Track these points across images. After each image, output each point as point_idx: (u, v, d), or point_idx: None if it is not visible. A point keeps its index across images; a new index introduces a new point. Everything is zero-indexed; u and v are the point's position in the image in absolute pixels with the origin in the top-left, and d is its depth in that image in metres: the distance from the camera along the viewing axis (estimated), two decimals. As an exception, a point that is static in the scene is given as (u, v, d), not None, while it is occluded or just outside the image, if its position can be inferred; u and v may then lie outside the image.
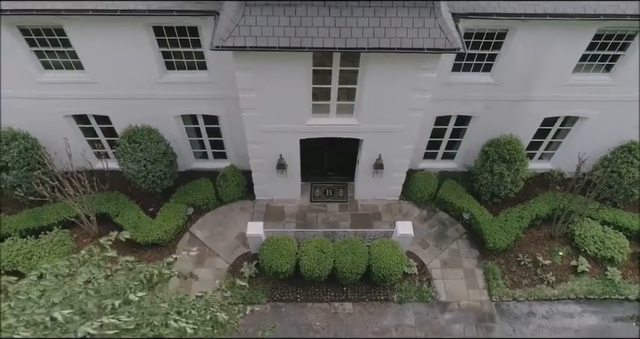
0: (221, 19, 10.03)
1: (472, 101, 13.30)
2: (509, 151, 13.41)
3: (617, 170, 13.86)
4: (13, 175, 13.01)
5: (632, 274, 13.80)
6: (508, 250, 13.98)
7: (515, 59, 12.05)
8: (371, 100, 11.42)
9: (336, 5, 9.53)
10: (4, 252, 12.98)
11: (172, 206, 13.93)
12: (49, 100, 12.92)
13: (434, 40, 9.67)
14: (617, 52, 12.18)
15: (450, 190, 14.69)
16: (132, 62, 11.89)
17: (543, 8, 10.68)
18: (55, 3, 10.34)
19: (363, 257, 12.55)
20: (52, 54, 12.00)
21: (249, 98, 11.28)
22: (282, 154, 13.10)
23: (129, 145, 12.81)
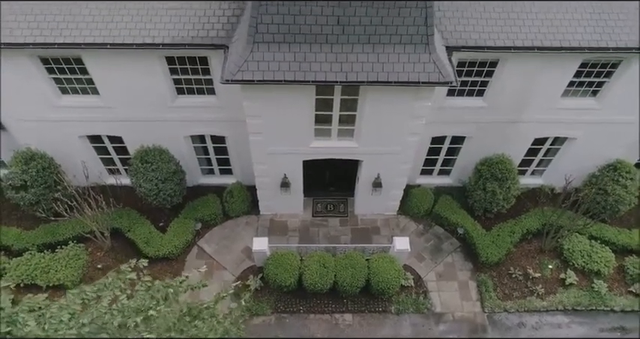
0: (230, 53, 10.77)
1: (466, 123, 14.03)
2: (501, 170, 14.15)
3: (604, 188, 14.60)
4: (31, 193, 13.74)
5: (617, 286, 14.55)
6: (500, 264, 14.72)
7: (507, 85, 12.79)
8: (370, 125, 12.15)
9: (337, 42, 10.26)
10: (22, 266, 13.72)
11: (182, 222, 14.67)
12: (65, 122, 13.65)
13: (428, 74, 10.41)
14: (602, 79, 12.91)
15: (445, 206, 15.44)
16: (145, 88, 12.63)
17: (531, 41, 11.43)
18: (76, 37, 11.09)
19: (362, 271, 13.30)
20: (70, 80, 12.73)
21: (256, 124, 12.02)
22: (286, 174, 13.84)
23: (141, 166, 13.55)
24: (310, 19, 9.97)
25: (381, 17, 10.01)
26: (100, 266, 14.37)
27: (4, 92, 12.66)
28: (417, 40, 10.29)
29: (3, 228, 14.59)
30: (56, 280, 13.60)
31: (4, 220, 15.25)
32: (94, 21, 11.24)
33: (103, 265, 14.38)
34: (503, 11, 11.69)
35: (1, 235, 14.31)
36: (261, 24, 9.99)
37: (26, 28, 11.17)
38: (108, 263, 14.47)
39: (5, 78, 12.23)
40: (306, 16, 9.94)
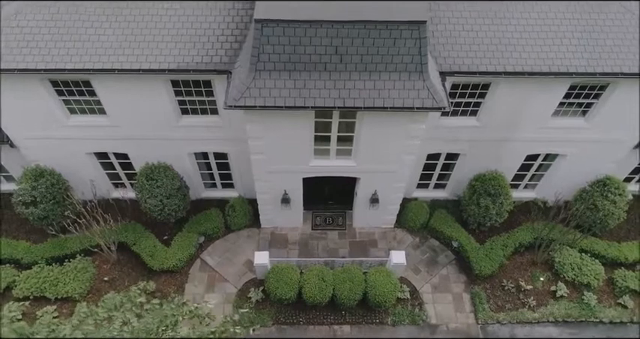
0: (233, 79, 11.27)
1: (460, 141, 14.53)
2: (494, 186, 14.65)
3: (594, 203, 15.10)
4: (40, 209, 14.22)
5: (606, 298, 15.05)
6: (493, 276, 15.21)
7: (499, 106, 13.28)
8: (367, 145, 12.65)
9: (335, 69, 10.76)
10: (32, 279, 14.22)
11: (185, 236, 15.16)
12: (73, 140, 14.14)
13: (422, 100, 10.91)
14: (591, 100, 13.42)
15: (440, 220, 15.94)
16: (151, 109, 13.13)
17: (521, 67, 11.94)
18: (85, 63, 11.59)
19: (360, 285, 13.80)
20: (78, 101, 13.23)
21: (258, 145, 12.52)
22: (287, 190, 14.34)
23: (147, 182, 14.04)
24: (310, 48, 10.47)
25: (377, 47, 10.50)
26: (107, 279, 14.85)
27: (14, 112, 13.15)
28: (411, 68, 10.79)
29: (13, 242, 15.08)
30: (65, 293, 14.10)
31: (14, 234, 15.76)
32: (103, 47, 11.75)
33: (109, 278, 14.87)
34: (494, 37, 12.21)
35: (12, 249, 14.80)
36: (262, 53, 10.49)
37: (37, 54, 11.67)
38: (114, 276, 14.96)
39: (16, 98, 12.72)
40: (305, 45, 10.43)
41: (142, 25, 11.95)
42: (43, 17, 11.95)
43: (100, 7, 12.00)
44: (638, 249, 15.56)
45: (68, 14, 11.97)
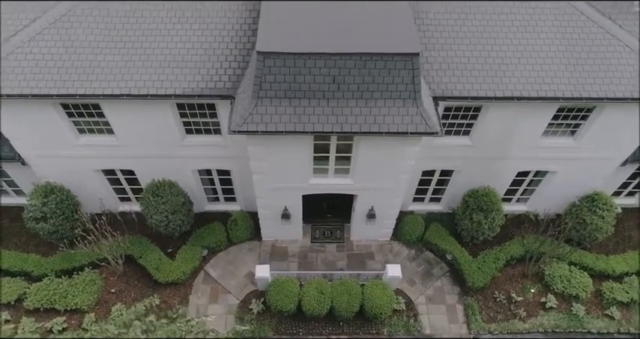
0: (236, 105, 11.87)
1: (454, 158, 15.12)
2: (486, 202, 15.24)
3: (583, 217, 15.69)
4: (50, 224, 14.80)
5: (594, 309, 15.64)
6: (486, 288, 15.80)
7: (490, 127, 13.87)
8: (363, 165, 13.23)
9: (333, 97, 11.35)
10: (42, 291, 14.81)
11: (189, 249, 15.74)
12: (82, 158, 14.73)
13: (416, 125, 11.49)
14: (578, 121, 14.01)
15: (435, 233, 16.53)
16: (157, 129, 13.71)
17: (511, 92, 12.54)
18: (95, 89, 12.19)
19: (357, 297, 14.40)
20: (88, 122, 13.81)
21: (259, 165, 13.10)
22: (287, 206, 14.92)
23: (152, 199, 14.63)
24: (309, 77, 11.05)
25: (372, 76, 11.09)
26: (114, 290, 15.44)
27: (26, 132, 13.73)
28: (405, 96, 11.37)
29: (23, 255, 15.67)
30: (74, 305, 14.69)
31: (23, 247, 16.34)
32: (112, 73, 12.35)
33: (116, 290, 15.46)
34: (485, 63, 12.80)
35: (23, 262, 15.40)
36: (264, 82, 11.07)
37: (50, 79, 12.26)
38: (121, 287, 15.54)
39: (28, 120, 13.30)
40: (305, 75, 11.01)
41: (149, 52, 12.56)
42: (55, 44, 12.55)
43: (108, 35, 12.59)
44: (625, 262, 16.14)
45: (79, 41, 12.57)
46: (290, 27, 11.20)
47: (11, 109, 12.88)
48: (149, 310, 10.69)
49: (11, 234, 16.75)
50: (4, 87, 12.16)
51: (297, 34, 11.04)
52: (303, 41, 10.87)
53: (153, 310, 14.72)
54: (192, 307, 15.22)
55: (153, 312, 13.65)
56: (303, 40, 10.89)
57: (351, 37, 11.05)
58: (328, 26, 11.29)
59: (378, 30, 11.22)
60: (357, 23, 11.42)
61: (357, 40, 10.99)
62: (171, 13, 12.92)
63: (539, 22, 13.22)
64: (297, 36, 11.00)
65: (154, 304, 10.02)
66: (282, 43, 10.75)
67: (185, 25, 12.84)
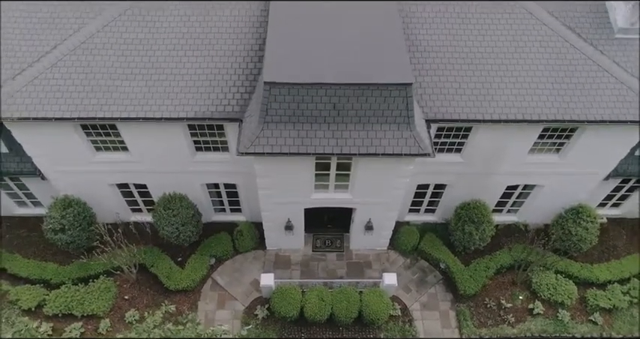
0: (244, 128, 12.86)
1: (447, 174, 16.11)
2: (477, 214, 16.23)
3: (568, 229, 16.67)
4: (68, 235, 15.77)
5: (579, 315, 16.63)
6: (477, 295, 16.76)
7: (480, 146, 14.85)
8: (362, 182, 14.21)
9: (333, 122, 12.33)
10: (60, 298, 15.80)
11: (198, 258, 16.73)
12: (98, 173, 15.72)
13: (409, 147, 12.47)
14: (562, 140, 14.99)
15: (429, 243, 17.52)
16: (169, 148, 14.71)
17: (498, 115, 13.52)
18: (114, 112, 13.18)
19: (355, 304, 15.40)
20: (104, 141, 14.79)
21: (265, 181, 14.09)
22: (290, 218, 15.91)
23: (164, 212, 15.62)
24: (311, 105, 12.03)
25: (369, 103, 12.07)
26: (127, 297, 16.43)
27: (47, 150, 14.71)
28: (399, 121, 12.36)
29: (42, 263, 16.69)
30: (90, 311, 15.68)
31: (41, 255, 17.32)
32: (129, 98, 13.33)
33: (129, 296, 16.45)
34: (475, 87, 13.78)
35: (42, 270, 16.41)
36: (270, 108, 12.06)
37: (71, 103, 13.26)
38: (134, 294, 16.52)
39: (49, 139, 14.27)
40: (307, 103, 12.00)
41: (163, 77, 13.55)
42: (75, 70, 13.54)
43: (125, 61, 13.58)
44: (608, 270, 17.12)
45: (97, 67, 13.56)
46: (293, 57, 12.18)
47: (35, 130, 13.85)
48: (165, 318, 11.59)
49: (29, 243, 17.74)
50: (29, 110, 13.15)
51: (300, 65, 12.02)
52: (306, 71, 11.86)
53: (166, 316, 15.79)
54: (201, 312, 16.20)
55: (166, 318, 14.69)
56: (306, 71, 11.88)
57: (350, 67, 12.03)
58: (329, 56, 12.27)
59: (375, 60, 12.20)
60: (355, 53, 12.40)
61: (355, 70, 11.97)
62: (183, 41, 13.90)
63: (525, 48, 14.20)
64: (300, 66, 11.98)
65: (170, 311, 10.85)
66: (286, 74, 11.74)
67: (196, 52, 13.83)
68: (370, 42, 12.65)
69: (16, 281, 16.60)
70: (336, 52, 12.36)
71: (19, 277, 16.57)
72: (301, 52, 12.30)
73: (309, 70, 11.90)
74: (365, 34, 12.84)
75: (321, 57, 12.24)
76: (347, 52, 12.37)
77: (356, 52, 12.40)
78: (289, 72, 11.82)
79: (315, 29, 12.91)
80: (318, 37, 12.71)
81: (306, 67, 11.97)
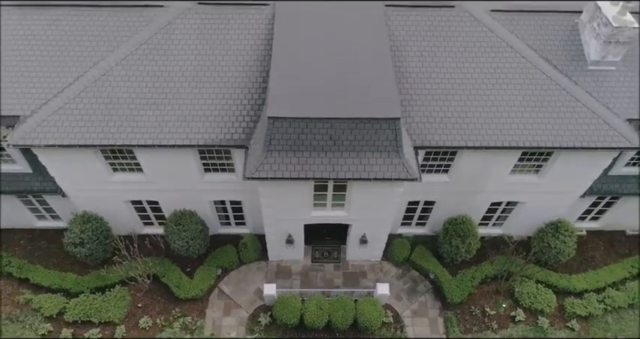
0: (250, 155, 14.25)
1: (435, 192, 17.49)
2: (463, 229, 17.62)
3: (548, 241, 18.06)
4: (87, 248, 17.17)
5: (557, 322, 18.01)
6: (463, 303, 18.15)
7: (465, 167, 16.24)
8: (356, 201, 15.59)
9: (330, 150, 13.71)
10: (79, 306, 17.18)
11: (206, 269, 18.12)
12: (114, 192, 17.11)
13: (399, 173, 13.85)
14: (540, 162, 16.37)
15: (419, 255, 18.91)
16: (180, 169, 16.09)
17: (480, 142, 14.89)
18: (132, 140, 14.56)
19: (351, 312, 16.79)
20: (121, 163, 16.18)
21: (269, 201, 15.49)
22: (291, 233, 17.31)
23: (175, 227, 17.03)
24: (310, 136, 13.42)
25: (362, 134, 13.46)
26: (140, 305, 17.82)
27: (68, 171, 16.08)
28: (389, 149, 13.74)
29: (62, 274, 18.07)
30: (107, 318, 17.07)
31: (60, 266, 18.69)
32: (145, 126, 14.71)
33: (142, 304, 17.84)
34: (459, 116, 15.15)
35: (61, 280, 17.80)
36: (273, 139, 13.44)
37: (93, 131, 14.63)
38: (146, 302, 17.92)
39: (72, 162, 15.64)
40: (307, 133, 13.39)
41: (176, 108, 14.93)
42: (96, 100, 14.92)
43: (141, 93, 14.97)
44: (585, 280, 18.51)
45: (116, 98, 14.94)
46: (294, 93, 13.57)
47: (59, 154, 15.23)
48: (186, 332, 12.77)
49: (49, 254, 19.12)
50: (55, 138, 14.53)
51: (299, 100, 13.41)
52: (305, 106, 13.26)
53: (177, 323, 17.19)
54: (208, 319, 17.59)
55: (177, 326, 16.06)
56: (305, 106, 13.27)
57: (345, 102, 13.42)
58: (326, 91, 13.66)
59: (367, 95, 13.58)
60: (350, 88, 13.77)
61: (349, 105, 13.36)
62: (193, 73, 15.29)
63: (505, 80, 15.58)
64: (300, 101, 13.37)
65: (186, 322, 12.04)
66: (288, 109, 13.13)
67: (205, 84, 15.22)
68: (364, 77, 14.02)
69: (38, 290, 17.97)
70: (333, 88, 13.74)
71: (40, 287, 17.95)
72: (301, 88, 13.69)
73: (308, 105, 13.29)
74: (359, 69, 14.21)
75: (318, 92, 13.63)
76: (342, 88, 13.75)
77: (350, 87, 13.78)
78: (290, 107, 13.21)
79: (313, 65, 14.28)
80: (316, 73, 14.09)
81: (305, 103, 13.36)
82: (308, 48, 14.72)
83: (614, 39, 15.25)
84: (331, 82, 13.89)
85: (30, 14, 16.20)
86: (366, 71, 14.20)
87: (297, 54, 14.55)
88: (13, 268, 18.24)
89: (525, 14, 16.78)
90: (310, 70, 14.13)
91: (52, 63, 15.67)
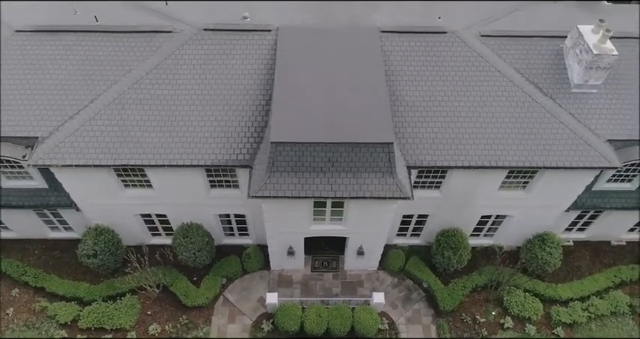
0: (254, 174, 15.28)
1: (428, 206, 18.52)
2: (454, 241, 18.66)
3: (535, 253, 19.09)
4: (99, 259, 18.23)
5: (544, 329, 19.03)
6: (455, 311, 19.18)
7: (455, 184, 17.26)
8: (353, 217, 16.62)
9: (328, 171, 14.74)
10: (93, 313, 18.22)
11: (211, 278, 19.16)
12: (125, 206, 18.15)
13: (392, 192, 14.87)
14: (527, 179, 17.39)
15: (414, 265, 19.94)
16: (188, 186, 17.13)
17: (469, 162, 15.91)
18: (143, 160, 15.59)
19: (348, 320, 17.84)
20: (132, 180, 17.21)
21: (271, 216, 16.52)
22: (292, 245, 18.34)
23: (183, 240, 18.07)
24: (310, 158, 14.45)
25: (358, 157, 14.48)
26: (150, 313, 18.87)
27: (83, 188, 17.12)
28: (384, 170, 14.77)
29: (76, 283, 19.11)
30: (118, 325, 18.12)
31: (73, 275, 19.73)
32: (155, 147, 15.74)
33: (152, 312, 18.89)
34: (449, 138, 16.17)
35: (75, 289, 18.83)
36: (276, 161, 14.47)
37: (107, 152, 15.66)
38: (155, 310, 18.96)
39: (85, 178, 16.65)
40: (307, 156, 14.42)
41: (184, 129, 15.97)
42: (110, 122, 15.95)
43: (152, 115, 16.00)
44: (570, 289, 19.54)
45: (129, 120, 15.97)
46: (295, 119, 14.59)
47: (75, 172, 16.25)
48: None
49: (62, 264, 20.17)
50: (72, 158, 15.56)
51: (300, 126, 14.44)
52: (305, 132, 14.29)
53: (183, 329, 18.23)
54: (214, 326, 18.64)
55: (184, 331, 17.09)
56: (305, 131, 14.30)
57: (342, 127, 14.45)
58: (325, 117, 14.68)
59: (363, 121, 14.61)
60: (347, 113, 14.79)
61: (347, 130, 14.39)
62: (201, 97, 16.33)
63: (493, 103, 16.60)
64: (301, 127, 14.40)
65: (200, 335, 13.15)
66: (290, 135, 14.17)
67: (212, 107, 16.25)
68: (360, 103, 15.05)
69: (53, 298, 19.02)
70: (331, 113, 14.77)
71: (55, 295, 18.99)
72: (301, 114, 14.72)
73: (307, 130, 14.33)
74: (356, 95, 15.24)
75: (317, 118, 14.66)
76: (340, 113, 14.78)
77: (348, 112, 14.81)
78: (292, 132, 14.25)
79: (312, 91, 15.32)
80: (316, 99, 15.12)
81: (305, 128, 14.39)
82: (308, 74, 15.76)
83: (595, 65, 16.24)
84: (329, 108, 14.91)
85: (46, 40, 17.26)
86: (363, 97, 15.22)
87: (297, 80, 15.58)
88: (29, 277, 19.28)
89: (513, 39, 17.79)
90: (310, 96, 15.16)
91: (67, 86, 16.69)
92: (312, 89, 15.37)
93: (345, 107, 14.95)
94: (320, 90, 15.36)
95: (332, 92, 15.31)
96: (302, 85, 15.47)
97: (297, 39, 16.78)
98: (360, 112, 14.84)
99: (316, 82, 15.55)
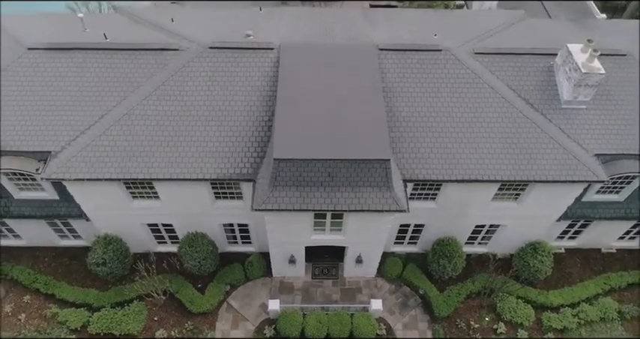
0: (257, 188, 16.02)
1: (424, 216, 19.26)
2: (449, 250, 19.41)
3: (527, 260, 19.84)
4: (108, 267, 18.97)
5: (535, 334, 19.78)
6: (450, 317, 19.93)
7: (450, 196, 18.00)
8: (352, 227, 17.36)
9: (328, 185, 15.48)
10: (102, 319, 18.96)
11: (216, 285, 19.91)
12: (133, 216, 18.89)
13: (389, 205, 15.62)
14: (518, 191, 18.14)
15: (410, 272, 20.68)
16: (193, 197, 17.87)
17: (462, 176, 16.65)
18: (152, 174, 16.33)
19: (347, 326, 18.59)
20: (140, 192, 17.95)
21: (273, 227, 17.27)
22: (293, 254, 19.09)
23: (188, 249, 18.82)
24: (310, 173, 15.19)
25: (357, 172, 15.23)
26: (156, 318, 19.62)
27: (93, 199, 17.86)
28: (380, 185, 15.51)
29: (85, 289, 19.85)
30: (127, 330, 18.86)
31: (82, 282, 20.47)
32: (163, 162, 16.48)
33: (158, 318, 19.64)
34: (444, 152, 16.91)
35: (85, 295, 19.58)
36: (279, 176, 15.22)
37: (117, 166, 16.39)
38: (162, 316, 19.71)
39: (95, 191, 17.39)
40: (308, 171, 15.16)
41: (191, 144, 16.70)
42: (119, 138, 16.68)
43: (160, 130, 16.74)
44: (561, 296, 20.28)
45: (137, 135, 16.70)
46: (297, 136, 15.33)
47: (86, 185, 16.98)
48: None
49: (72, 271, 20.91)
50: (84, 172, 16.30)
51: (301, 143, 15.17)
52: (307, 148, 15.03)
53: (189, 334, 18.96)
54: (218, 332, 19.38)
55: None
56: (307, 148, 15.04)
57: (342, 144, 15.18)
58: (325, 134, 15.41)
59: (362, 138, 15.35)
60: (346, 130, 15.52)
61: (346, 147, 15.12)
62: (207, 113, 17.06)
63: (486, 119, 17.33)
64: (302, 144, 15.13)
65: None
66: (291, 151, 14.91)
67: (217, 122, 16.99)
68: (359, 121, 15.78)
69: (63, 305, 19.76)
70: (331, 130, 15.51)
71: (65, 301, 19.73)
72: (302, 131, 15.46)
73: (308, 147, 15.07)
74: (355, 113, 15.97)
75: (318, 135, 15.39)
76: (339, 131, 15.51)
77: (347, 130, 15.54)
78: (294, 149, 14.99)
79: (313, 108, 16.06)
80: (316, 116, 15.86)
81: (306, 145, 15.13)
82: (308, 92, 16.49)
83: (584, 83, 16.98)
84: (329, 124, 15.65)
85: (57, 57, 17.98)
86: (361, 114, 15.96)
87: (298, 98, 16.31)
88: (40, 284, 20.03)
89: (506, 56, 18.54)
90: (310, 114, 15.90)
91: (78, 102, 17.42)
92: (313, 106, 16.11)
93: (345, 124, 15.68)
94: (320, 107, 16.11)
95: (332, 109, 16.05)
96: (303, 102, 16.21)
97: (298, 57, 17.52)
98: (359, 129, 15.58)
99: (317, 100, 16.29)
